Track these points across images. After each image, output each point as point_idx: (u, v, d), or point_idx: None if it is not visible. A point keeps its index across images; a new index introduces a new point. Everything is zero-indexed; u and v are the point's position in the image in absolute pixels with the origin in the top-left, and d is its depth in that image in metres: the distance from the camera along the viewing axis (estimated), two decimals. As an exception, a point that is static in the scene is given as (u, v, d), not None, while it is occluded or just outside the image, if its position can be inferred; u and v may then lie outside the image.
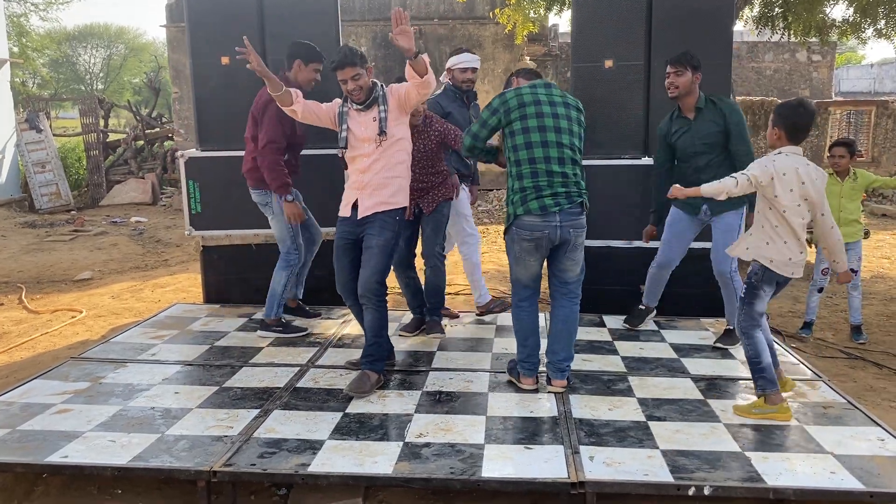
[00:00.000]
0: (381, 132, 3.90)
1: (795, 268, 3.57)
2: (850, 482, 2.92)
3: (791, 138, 3.49)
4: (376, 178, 3.94)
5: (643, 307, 4.99)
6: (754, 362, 3.59)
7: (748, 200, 4.41)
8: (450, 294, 6.00)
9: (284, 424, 3.47)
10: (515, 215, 3.74)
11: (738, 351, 4.46)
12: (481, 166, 5.63)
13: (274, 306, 4.87)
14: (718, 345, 4.62)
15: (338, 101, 4.08)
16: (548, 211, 3.66)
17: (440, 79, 4.84)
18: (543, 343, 4.00)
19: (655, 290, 4.94)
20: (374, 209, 3.94)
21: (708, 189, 3.57)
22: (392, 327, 4.97)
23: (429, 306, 4.92)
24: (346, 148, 4.01)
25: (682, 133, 4.54)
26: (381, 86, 3.98)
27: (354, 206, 3.98)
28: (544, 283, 4.01)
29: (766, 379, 3.55)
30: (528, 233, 3.71)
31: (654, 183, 4.78)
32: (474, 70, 5.08)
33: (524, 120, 3.74)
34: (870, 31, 9.76)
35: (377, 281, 3.88)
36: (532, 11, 10.68)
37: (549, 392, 3.86)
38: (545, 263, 3.88)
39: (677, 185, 3.73)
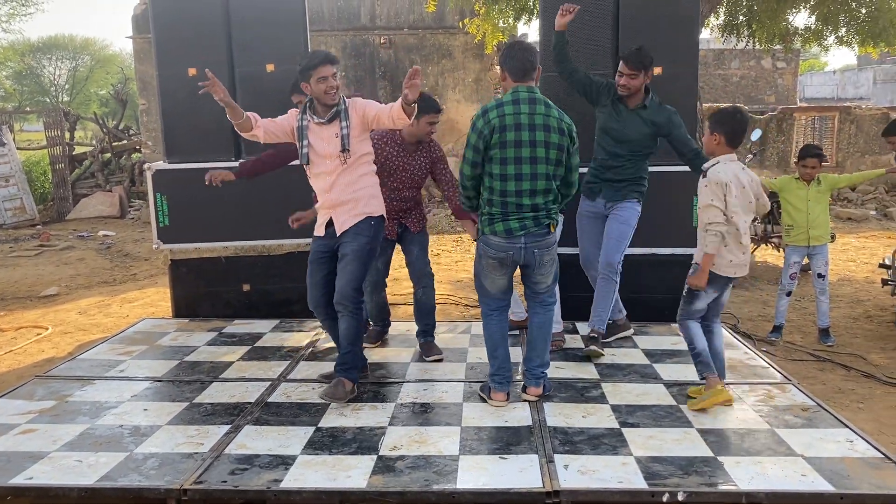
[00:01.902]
0: (344, 149, 3.79)
1: (737, 268, 3.73)
2: (820, 484, 2.95)
3: (730, 143, 3.68)
4: (343, 196, 3.86)
5: (611, 321, 4.87)
6: (690, 348, 3.81)
7: (644, 194, 4.60)
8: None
9: (256, 440, 3.42)
10: (483, 232, 3.75)
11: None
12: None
13: None
14: (591, 355, 4.49)
15: (294, 112, 3.93)
16: (513, 234, 3.65)
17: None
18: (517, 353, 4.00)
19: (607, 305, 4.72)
20: (350, 222, 3.88)
21: (711, 251, 3.64)
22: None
23: (422, 328, 4.71)
24: (307, 164, 3.88)
25: (617, 120, 4.52)
26: (343, 99, 3.87)
27: (329, 224, 3.92)
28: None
29: (702, 363, 3.76)
30: (493, 251, 3.72)
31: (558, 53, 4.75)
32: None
33: (503, 149, 3.60)
34: (831, 39, 9.95)
35: (353, 288, 3.84)
36: (501, 21, 10.73)
37: (523, 400, 3.85)
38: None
39: (694, 277, 3.72)
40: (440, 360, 4.54)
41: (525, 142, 3.61)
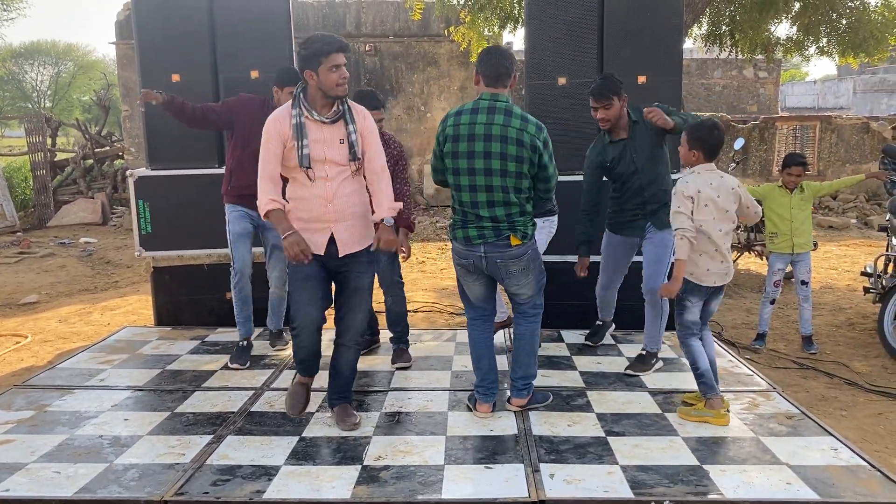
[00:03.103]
0: (355, 157, 3.42)
1: (716, 277, 3.72)
2: (805, 493, 2.95)
3: (708, 157, 3.71)
4: (349, 207, 3.46)
5: (600, 322, 5.01)
6: (693, 368, 3.74)
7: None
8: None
9: (238, 450, 3.38)
10: (450, 236, 3.74)
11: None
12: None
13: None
14: (629, 371, 4.42)
15: (287, 108, 3.41)
16: (471, 243, 3.58)
17: None
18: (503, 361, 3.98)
19: (607, 306, 4.93)
20: (358, 246, 3.52)
21: (681, 257, 3.61)
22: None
23: (396, 335, 4.72)
24: (310, 167, 3.37)
25: (620, 158, 4.34)
26: (345, 100, 3.47)
27: (330, 241, 3.48)
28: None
29: (705, 384, 3.68)
30: (457, 256, 3.71)
31: (584, 215, 4.53)
32: None
33: (454, 159, 3.53)
34: (812, 49, 10.08)
35: (366, 323, 3.70)
36: (486, 29, 10.76)
37: (508, 410, 3.83)
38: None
39: (667, 285, 3.71)
40: (407, 368, 4.54)
41: (478, 153, 3.49)
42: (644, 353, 4.50)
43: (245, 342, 4.75)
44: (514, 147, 3.48)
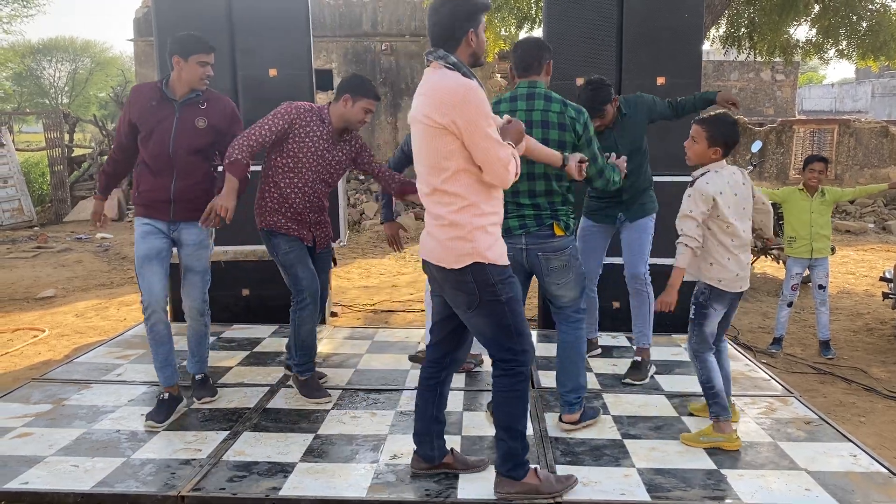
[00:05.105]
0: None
1: (743, 281, 3.51)
2: (825, 499, 2.93)
3: (725, 154, 3.48)
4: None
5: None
6: (707, 387, 3.46)
7: (655, 209, 4.41)
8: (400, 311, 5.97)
9: (255, 447, 3.39)
10: None
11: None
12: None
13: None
14: (628, 381, 4.30)
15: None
16: (511, 234, 3.41)
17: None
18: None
19: (590, 317, 4.58)
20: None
21: (681, 265, 3.40)
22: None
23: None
24: None
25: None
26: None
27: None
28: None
29: (719, 405, 3.43)
30: None
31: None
32: None
33: None
34: (832, 52, 10.00)
35: None
36: (503, 29, 10.75)
37: (562, 429, 3.60)
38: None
39: (663, 297, 3.42)
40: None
41: None
42: (639, 360, 4.38)
43: (166, 394, 3.76)
44: (556, 132, 3.41)
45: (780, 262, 7.88)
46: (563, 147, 3.41)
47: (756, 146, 8.39)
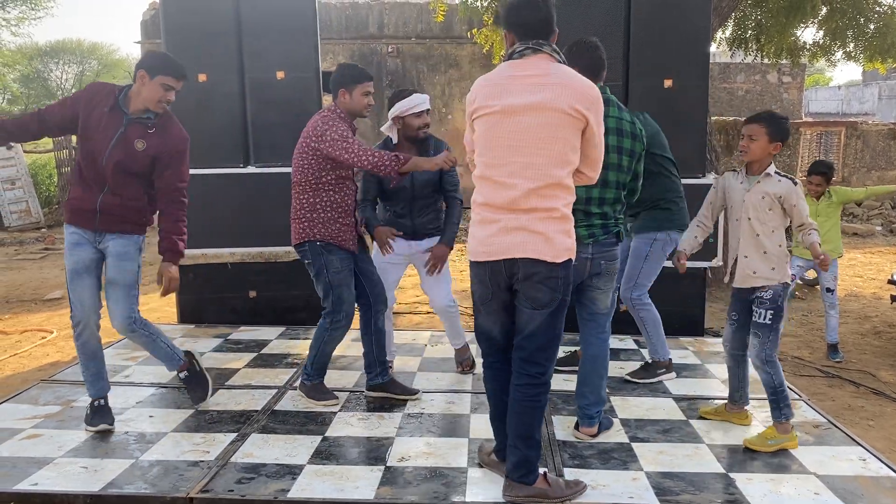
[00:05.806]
0: None
1: None
2: (834, 504, 2.92)
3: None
4: None
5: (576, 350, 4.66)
6: (780, 391, 3.43)
7: (658, 229, 4.18)
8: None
9: (263, 449, 3.40)
10: None
11: (718, 370, 4.47)
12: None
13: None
14: (628, 377, 4.36)
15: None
16: (581, 243, 3.22)
17: (382, 129, 4.35)
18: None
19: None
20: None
21: (814, 241, 3.39)
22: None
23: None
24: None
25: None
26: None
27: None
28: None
29: (789, 406, 3.43)
30: None
31: None
32: (428, 112, 4.20)
33: None
34: (839, 54, 9.96)
35: None
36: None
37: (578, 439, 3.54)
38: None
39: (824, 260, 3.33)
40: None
41: None
42: (650, 361, 4.39)
43: (99, 402, 3.66)
44: (628, 140, 3.37)
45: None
46: (633, 156, 3.39)
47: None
